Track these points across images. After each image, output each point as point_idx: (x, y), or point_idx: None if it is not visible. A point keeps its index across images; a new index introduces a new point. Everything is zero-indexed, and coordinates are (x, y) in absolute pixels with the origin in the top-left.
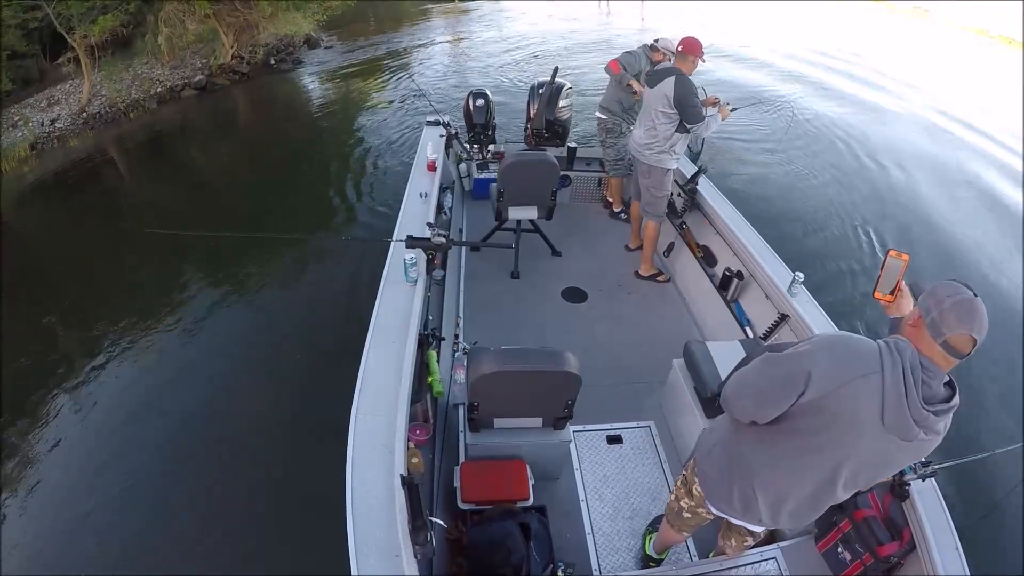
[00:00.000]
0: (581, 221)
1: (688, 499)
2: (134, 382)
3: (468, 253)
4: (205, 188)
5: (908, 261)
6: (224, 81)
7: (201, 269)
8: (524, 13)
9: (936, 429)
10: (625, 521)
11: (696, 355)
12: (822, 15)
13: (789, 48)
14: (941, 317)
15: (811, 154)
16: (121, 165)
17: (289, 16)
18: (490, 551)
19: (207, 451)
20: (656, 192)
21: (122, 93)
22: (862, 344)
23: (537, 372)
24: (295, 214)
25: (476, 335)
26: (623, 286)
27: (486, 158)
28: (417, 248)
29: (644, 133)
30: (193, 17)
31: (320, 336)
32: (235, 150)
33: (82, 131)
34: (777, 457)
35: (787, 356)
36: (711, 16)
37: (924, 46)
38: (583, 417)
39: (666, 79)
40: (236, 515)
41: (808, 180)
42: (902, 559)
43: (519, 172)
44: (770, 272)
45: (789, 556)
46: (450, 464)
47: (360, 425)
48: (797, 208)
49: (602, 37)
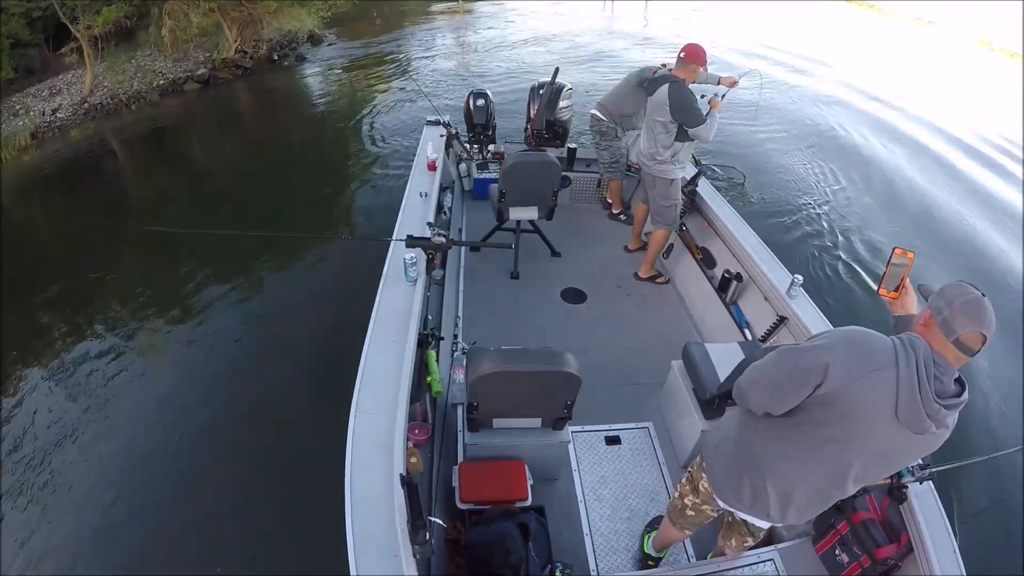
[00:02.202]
0: (581, 222)
1: (693, 496)
2: (134, 381)
3: (468, 253)
4: (204, 182)
5: (913, 259)
6: (227, 75)
7: (198, 265)
8: (527, 14)
9: (946, 423)
10: (623, 522)
11: (695, 357)
12: (825, 19)
13: (788, 51)
14: (952, 316)
15: (811, 153)
16: (121, 157)
17: (293, 12)
18: (489, 551)
19: (203, 450)
20: (663, 202)
21: (124, 85)
22: (878, 339)
23: (536, 372)
24: (294, 212)
25: (475, 335)
26: (622, 287)
27: (486, 158)
28: (417, 248)
29: (647, 143)
30: (197, 10)
31: (319, 335)
32: (236, 145)
33: (83, 121)
34: (789, 449)
35: (804, 349)
36: (713, 17)
37: (928, 57)
38: (582, 418)
39: (661, 87)
40: (234, 514)
41: (809, 179)
42: (899, 562)
43: (521, 173)
44: (769, 274)
45: (787, 558)
46: (449, 464)
47: (359, 424)
48: (798, 207)
49: (605, 38)
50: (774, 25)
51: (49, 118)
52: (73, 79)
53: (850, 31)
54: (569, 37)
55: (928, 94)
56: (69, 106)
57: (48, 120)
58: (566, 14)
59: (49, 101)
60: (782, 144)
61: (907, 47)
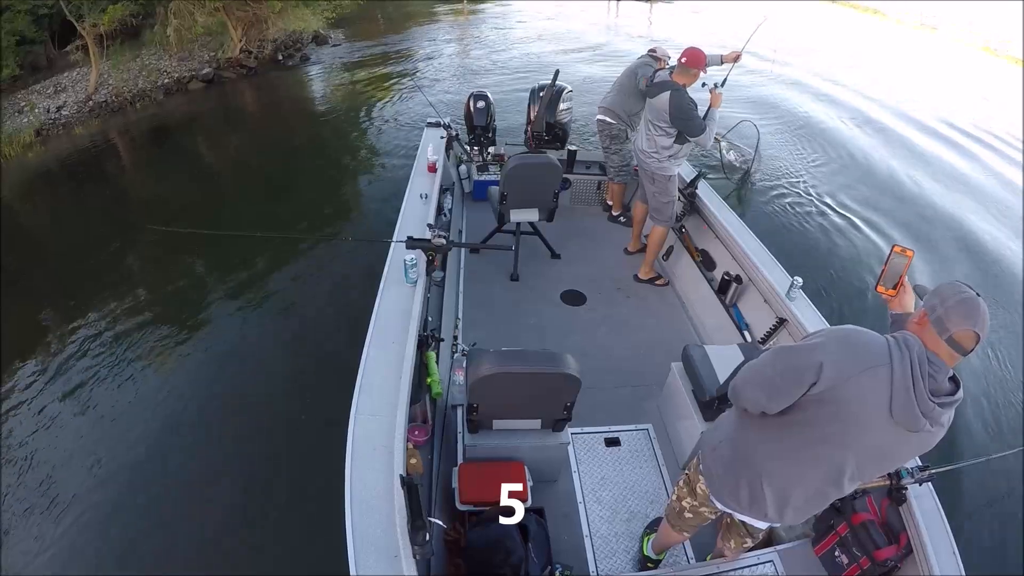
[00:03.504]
0: (580, 224)
1: (691, 498)
2: (131, 379)
3: (468, 255)
4: (207, 182)
5: (912, 257)
6: (231, 75)
7: (199, 265)
8: (532, 15)
9: (941, 421)
10: (623, 523)
11: (694, 359)
12: (828, 21)
13: (788, 52)
14: (946, 314)
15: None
16: (125, 155)
17: (298, 12)
18: (488, 552)
19: (202, 450)
20: (662, 198)
21: (129, 83)
22: (872, 337)
23: (536, 374)
24: (295, 212)
25: (475, 336)
26: (622, 289)
27: (486, 160)
28: (417, 249)
29: (646, 142)
30: (203, 10)
31: (319, 336)
32: (238, 145)
33: (88, 119)
34: (785, 449)
35: (798, 348)
36: (717, 17)
37: (931, 61)
38: (581, 419)
39: (661, 94)
40: (234, 515)
41: (811, 176)
42: (899, 563)
43: (523, 175)
44: (769, 277)
45: (786, 559)
46: (449, 465)
47: (359, 426)
48: (797, 205)
49: (609, 39)
50: (779, 28)
51: (54, 115)
52: (78, 77)
53: (853, 34)
54: (574, 37)
55: (934, 96)
56: (74, 103)
57: (53, 117)
58: (571, 15)
59: (54, 98)
60: (784, 139)
61: (911, 52)
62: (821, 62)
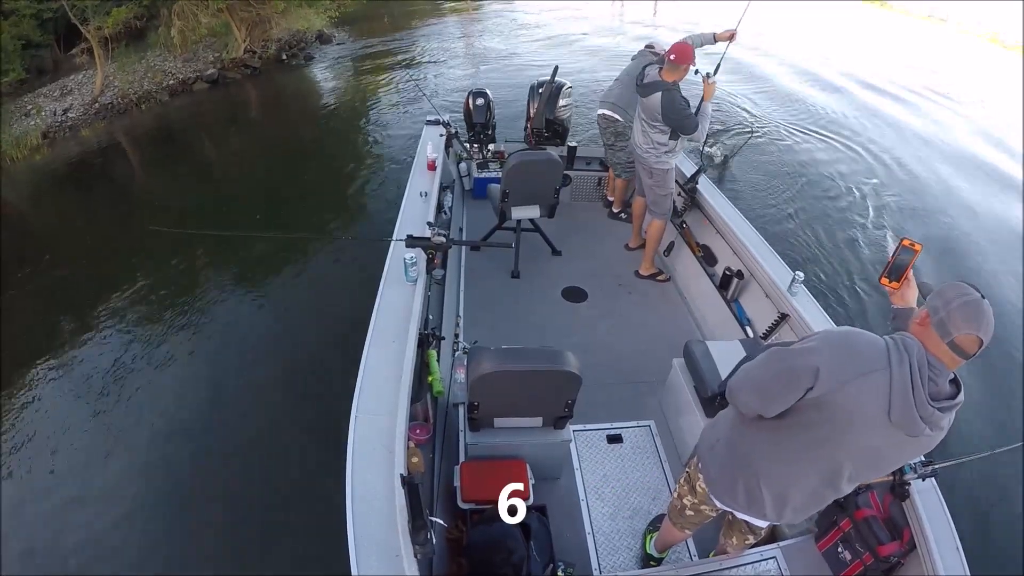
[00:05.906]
0: (581, 221)
1: (691, 496)
2: (131, 378)
3: (468, 252)
4: (211, 182)
5: (920, 252)
6: (235, 75)
7: (200, 264)
8: (536, 13)
9: (941, 425)
10: (625, 521)
11: (696, 354)
12: (836, 17)
13: (798, 48)
14: (949, 317)
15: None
16: (131, 156)
17: (302, 12)
18: (490, 551)
19: (203, 450)
20: (660, 191)
21: (134, 85)
22: (869, 341)
23: (537, 371)
24: (295, 212)
25: (476, 334)
26: (623, 285)
27: (486, 157)
28: (417, 247)
29: (642, 138)
30: (206, 11)
31: (320, 335)
32: (243, 144)
33: (94, 121)
34: (781, 451)
35: (793, 352)
36: (723, 16)
37: (941, 52)
38: (583, 416)
39: (654, 95)
40: (234, 515)
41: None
42: (902, 559)
43: (524, 172)
44: (770, 271)
45: (789, 555)
46: (450, 464)
47: (360, 424)
48: (799, 202)
49: (612, 39)
50: (787, 24)
51: (60, 118)
52: (84, 79)
53: (863, 28)
54: (579, 37)
55: (945, 88)
56: (80, 106)
57: (59, 120)
58: (575, 13)
59: (60, 101)
60: (792, 137)
61: (920, 43)
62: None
